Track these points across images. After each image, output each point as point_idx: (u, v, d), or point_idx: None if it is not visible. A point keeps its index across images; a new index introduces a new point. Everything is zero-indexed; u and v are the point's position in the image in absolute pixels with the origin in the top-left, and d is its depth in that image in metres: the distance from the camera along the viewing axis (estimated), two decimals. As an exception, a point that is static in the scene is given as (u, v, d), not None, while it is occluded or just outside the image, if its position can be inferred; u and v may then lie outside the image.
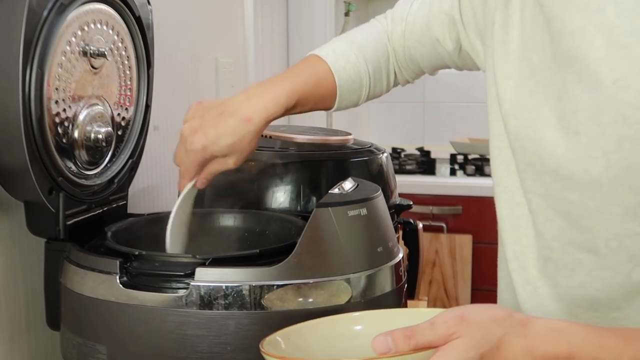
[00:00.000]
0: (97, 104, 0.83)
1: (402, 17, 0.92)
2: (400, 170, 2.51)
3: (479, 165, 2.48)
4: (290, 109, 0.82)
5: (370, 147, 1.07)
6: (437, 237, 2.33)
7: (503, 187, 0.77)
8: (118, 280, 0.69)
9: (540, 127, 0.68)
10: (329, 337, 0.61)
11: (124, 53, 0.88)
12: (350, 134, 1.10)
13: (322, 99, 0.88)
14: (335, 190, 0.73)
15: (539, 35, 0.70)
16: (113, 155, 0.89)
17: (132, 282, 0.69)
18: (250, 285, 0.66)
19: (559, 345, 0.52)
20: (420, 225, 1.18)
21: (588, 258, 0.67)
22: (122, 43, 0.87)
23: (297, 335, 0.59)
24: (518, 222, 0.75)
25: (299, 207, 0.98)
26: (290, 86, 0.81)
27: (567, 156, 0.65)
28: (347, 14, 2.43)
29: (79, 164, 0.82)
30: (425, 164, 2.59)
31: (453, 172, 2.55)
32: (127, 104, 0.91)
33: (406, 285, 0.79)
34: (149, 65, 0.94)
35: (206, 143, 0.77)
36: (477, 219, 2.30)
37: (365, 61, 0.90)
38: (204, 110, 0.79)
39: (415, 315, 0.60)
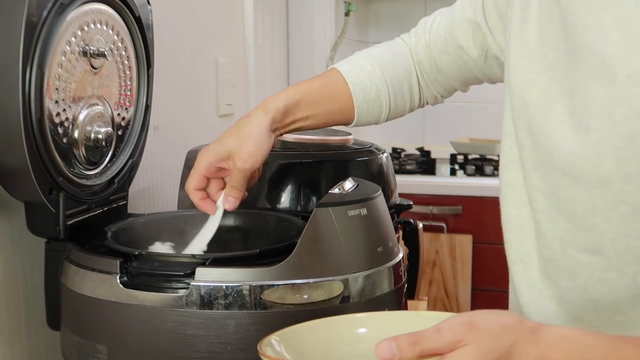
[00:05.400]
0: (97, 104, 0.83)
1: (426, 29, 0.92)
2: (400, 170, 2.51)
3: (479, 165, 2.47)
4: (294, 106, 0.83)
5: (370, 147, 1.07)
6: (437, 237, 2.33)
7: (512, 187, 0.76)
8: (118, 280, 0.69)
9: (551, 124, 0.67)
10: (330, 340, 0.59)
11: (124, 53, 0.88)
12: (350, 134, 1.10)
13: (334, 104, 0.88)
14: (335, 190, 0.73)
15: (554, 31, 0.68)
16: (113, 155, 0.89)
17: (132, 282, 0.69)
18: (250, 285, 0.66)
19: (572, 355, 0.51)
20: (420, 225, 1.18)
21: (591, 260, 0.66)
22: (122, 43, 0.87)
23: (294, 336, 0.58)
24: (525, 223, 0.74)
25: (299, 207, 0.98)
26: (294, 86, 0.84)
27: (577, 153, 0.64)
28: (347, 14, 2.43)
29: (79, 164, 0.82)
30: (425, 164, 2.59)
31: (453, 172, 2.54)
32: (127, 104, 0.91)
33: (406, 285, 0.79)
34: (149, 65, 0.94)
35: (210, 146, 0.82)
36: (477, 219, 2.30)
37: (382, 70, 0.90)
38: None
39: (421, 318, 0.59)
